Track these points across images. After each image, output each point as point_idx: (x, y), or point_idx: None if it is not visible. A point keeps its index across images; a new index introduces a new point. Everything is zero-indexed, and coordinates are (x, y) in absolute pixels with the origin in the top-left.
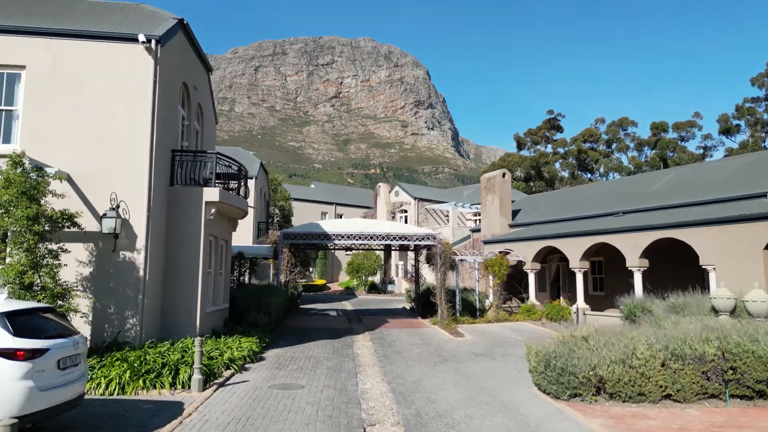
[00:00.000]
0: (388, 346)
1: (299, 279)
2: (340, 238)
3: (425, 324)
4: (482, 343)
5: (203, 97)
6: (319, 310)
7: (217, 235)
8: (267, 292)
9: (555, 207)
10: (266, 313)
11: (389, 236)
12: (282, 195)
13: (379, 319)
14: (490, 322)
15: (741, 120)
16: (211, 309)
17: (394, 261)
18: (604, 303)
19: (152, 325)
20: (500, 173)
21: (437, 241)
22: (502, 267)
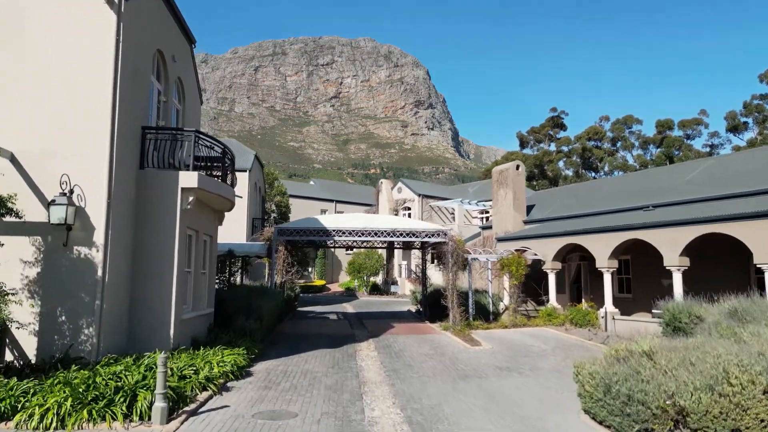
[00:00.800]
0: (396, 356)
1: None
2: (341, 235)
3: (435, 329)
4: (503, 353)
5: (184, 71)
6: (318, 313)
7: (198, 228)
8: (259, 294)
9: (575, 201)
10: (257, 318)
11: (395, 232)
12: (279, 190)
13: (384, 324)
14: (506, 328)
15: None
16: (190, 315)
17: (397, 261)
18: (633, 306)
19: (114, 336)
20: (513, 165)
21: (449, 237)
22: (520, 266)
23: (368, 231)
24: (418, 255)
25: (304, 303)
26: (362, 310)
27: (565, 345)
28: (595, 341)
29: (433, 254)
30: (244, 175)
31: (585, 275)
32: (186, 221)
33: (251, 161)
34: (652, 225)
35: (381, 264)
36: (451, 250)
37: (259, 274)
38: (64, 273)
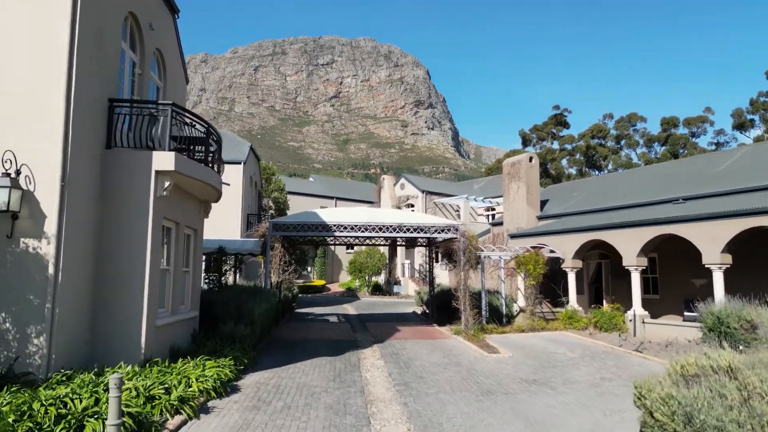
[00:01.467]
0: (406, 366)
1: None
2: (342, 230)
3: (444, 334)
4: (526, 362)
5: (165, 43)
6: (318, 314)
7: (179, 220)
8: (252, 295)
9: (595, 195)
10: (248, 322)
11: (402, 227)
12: (277, 185)
13: (388, 327)
14: (523, 332)
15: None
16: (168, 320)
17: (400, 260)
18: (660, 308)
19: (72, 347)
20: (526, 157)
21: (460, 233)
22: (538, 265)
23: (372, 226)
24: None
25: (303, 304)
26: (364, 311)
27: (593, 352)
28: (626, 348)
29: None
30: (238, 168)
31: (606, 275)
32: (162, 211)
33: (246, 153)
34: (690, 218)
35: (383, 263)
36: (462, 247)
37: (254, 273)
38: (9, 270)
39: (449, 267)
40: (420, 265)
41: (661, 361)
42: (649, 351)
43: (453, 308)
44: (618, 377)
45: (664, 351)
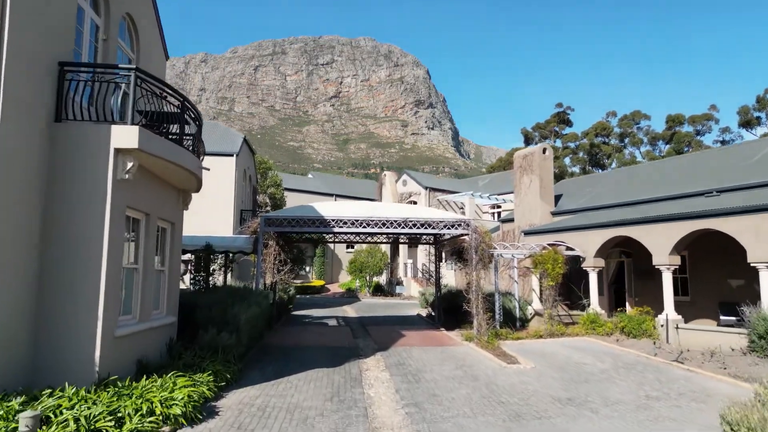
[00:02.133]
0: (415, 380)
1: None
2: (341, 225)
3: (454, 340)
4: (552, 374)
5: (138, 8)
6: (316, 317)
7: (149, 210)
8: (241, 298)
9: (615, 189)
10: (233, 329)
11: (407, 222)
12: (273, 181)
13: (392, 332)
14: (541, 338)
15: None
16: (135, 329)
17: (402, 259)
18: (691, 311)
19: (5, 364)
20: (540, 148)
21: (472, 229)
22: (557, 264)
23: (374, 221)
24: (427, 252)
25: (300, 306)
26: (365, 314)
27: (626, 363)
28: (662, 358)
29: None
30: (230, 160)
31: (628, 275)
32: (125, 198)
33: (239, 145)
34: (734, 211)
35: (385, 263)
36: (474, 245)
37: (247, 273)
38: None
39: (457, 266)
40: (423, 264)
41: (712, 374)
42: (692, 362)
43: (462, 311)
44: (666, 396)
45: (709, 362)
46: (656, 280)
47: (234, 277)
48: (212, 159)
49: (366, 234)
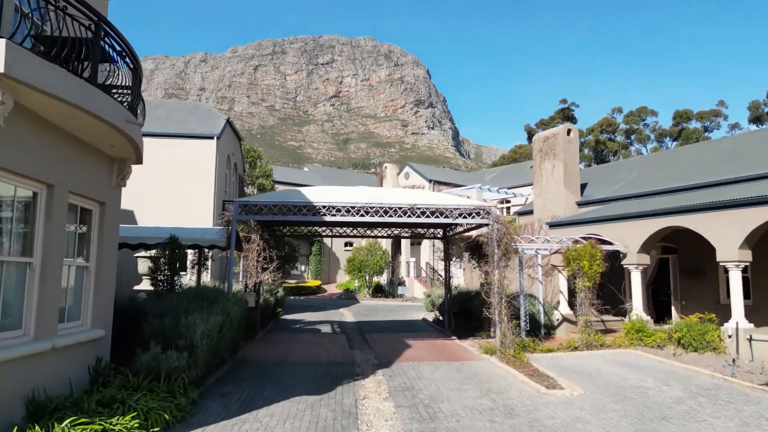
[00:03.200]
0: (429, 415)
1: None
2: (334, 214)
3: (471, 352)
4: (612, 407)
5: None
6: (308, 322)
7: (51, 179)
8: (207, 302)
9: (655, 174)
10: (187, 346)
11: (415, 210)
12: (263, 171)
13: (395, 341)
14: (576, 350)
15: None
16: (21, 351)
17: (405, 257)
18: (755, 317)
19: None
20: (563, 129)
21: (493, 218)
22: (595, 261)
23: (375, 208)
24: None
25: (292, 308)
26: (364, 318)
27: (701, 388)
28: (745, 379)
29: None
30: (210, 143)
31: (673, 273)
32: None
33: (220, 127)
34: None
35: (386, 261)
36: (497, 237)
37: None
38: None
39: (470, 264)
40: (426, 263)
41: None
42: None
43: (476, 316)
44: None
45: None
46: (707, 280)
47: (213, 276)
48: (189, 142)
49: (364, 225)
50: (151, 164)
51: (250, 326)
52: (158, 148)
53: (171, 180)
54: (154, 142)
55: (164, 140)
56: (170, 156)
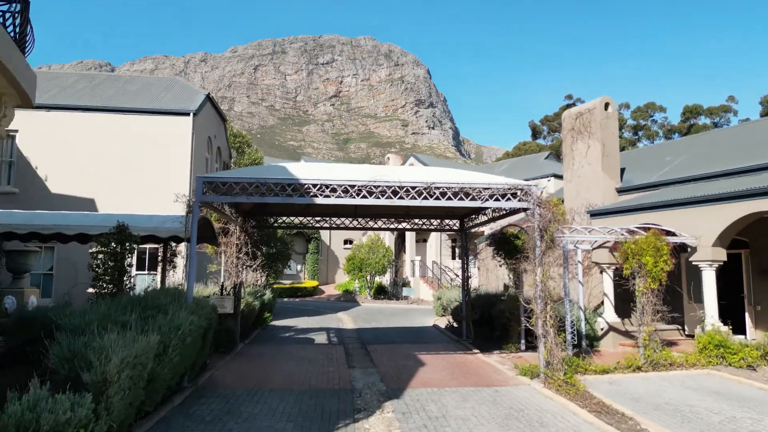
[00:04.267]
0: None
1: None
2: (329, 195)
3: (502, 372)
4: None
5: None
6: (300, 330)
7: None
8: (151, 312)
9: (710, 155)
10: (94, 384)
11: (433, 191)
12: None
13: (404, 356)
14: (640, 370)
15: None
16: None
17: (409, 255)
18: None
19: None
20: (601, 103)
21: (535, 200)
22: (661, 255)
23: (381, 187)
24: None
25: (285, 312)
26: (366, 324)
27: None
28: None
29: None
30: (185, 121)
31: (747, 273)
32: None
33: (198, 102)
34: None
35: (389, 260)
36: (540, 225)
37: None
38: None
39: (497, 262)
40: (433, 262)
41: None
42: None
43: (500, 324)
44: None
45: None
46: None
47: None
48: (161, 119)
49: (367, 215)
50: (115, 145)
51: (228, 337)
52: (124, 126)
53: (139, 163)
54: (118, 119)
55: (131, 117)
56: (138, 135)
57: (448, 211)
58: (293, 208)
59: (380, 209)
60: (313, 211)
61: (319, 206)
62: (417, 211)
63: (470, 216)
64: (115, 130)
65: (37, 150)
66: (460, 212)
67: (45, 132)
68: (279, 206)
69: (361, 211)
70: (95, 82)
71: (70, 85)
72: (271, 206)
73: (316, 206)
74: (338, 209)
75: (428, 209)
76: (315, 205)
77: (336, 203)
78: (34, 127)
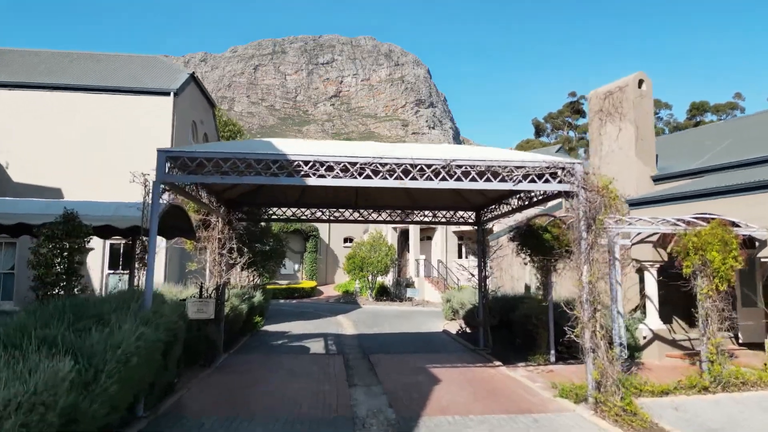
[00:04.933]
0: None
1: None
2: (325, 175)
3: (535, 392)
4: None
5: None
6: (294, 336)
7: None
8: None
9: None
10: None
11: (454, 169)
12: None
13: (415, 370)
14: (707, 390)
15: None
16: None
17: (413, 254)
18: None
19: None
20: (634, 80)
21: (579, 182)
22: (729, 250)
23: (389, 166)
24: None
25: (279, 315)
26: (368, 329)
27: None
28: None
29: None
30: (165, 101)
31: None
32: None
33: (180, 82)
34: None
35: (392, 258)
36: (586, 213)
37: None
38: None
39: (522, 258)
40: (439, 261)
41: None
42: None
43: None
44: None
45: None
46: None
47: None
48: (138, 100)
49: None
50: (86, 129)
51: (209, 346)
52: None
53: (113, 149)
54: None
55: (104, 97)
56: (113, 117)
57: (462, 202)
58: (284, 196)
59: (385, 198)
60: (308, 200)
61: (314, 194)
62: (426, 202)
63: (488, 207)
64: (87, 111)
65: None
66: (476, 202)
67: (7, 113)
68: (267, 194)
69: (363, 201)
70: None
71: (42, 61)
72: (258, 195)
73: (311, 195)
74: (336, 199)
75: (440, 198)
76: (310, 194)
77: (333, 185)
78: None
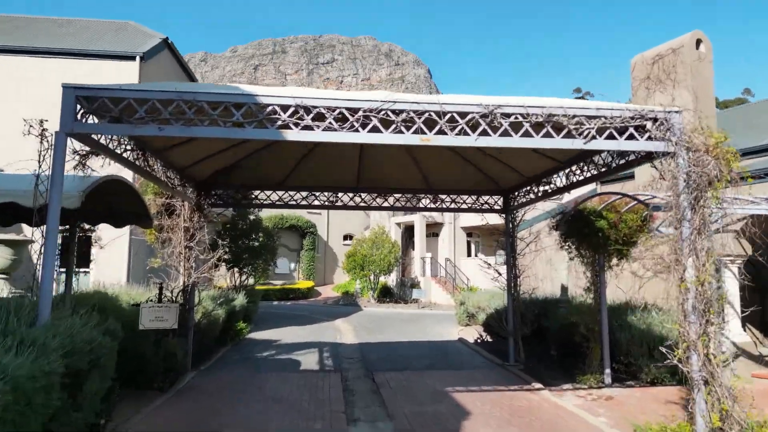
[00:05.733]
0: None
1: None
2: (313, 127)
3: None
4: None
5: None
6: (284, 346)
7: None
8: None
9: None
10: None
11: (499, 119)
12: None
13: (431, 394)
14: None
15: None
16: None
17: (419, 252)
18: None
19: None
20: (691, 40)
21: (679, 137)
22: None
23: (407, 112)
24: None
25: (271, 319)
26: (371, 337)
27: None
28: None
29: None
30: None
31: None
32: None
33: (150, 46)
34: None
35: (395, 256)
36: (692, 180)
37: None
38: None
39: (568, 253)
40: (446, 259)
41: None
42: None
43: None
44: None
45: None
46: None
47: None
48: (99, 66)
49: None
50: (37, 98)
51: (168, 365)
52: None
53: None
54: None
55: (59, 61)
56: None
57: (487, 184)
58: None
59: (395, 176)
60: (299, 181)
61: (307, 172)
62: (442, 184)
63: (520, 190)
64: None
65: None
66: (506, 183)
67: None
68: (248, 173)
69: (366, 181)
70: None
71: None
72: (236, 172)
73: (304, 173)
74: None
75: (461, 179)
76: (301, 172)
77: (324, 140)
78: None
